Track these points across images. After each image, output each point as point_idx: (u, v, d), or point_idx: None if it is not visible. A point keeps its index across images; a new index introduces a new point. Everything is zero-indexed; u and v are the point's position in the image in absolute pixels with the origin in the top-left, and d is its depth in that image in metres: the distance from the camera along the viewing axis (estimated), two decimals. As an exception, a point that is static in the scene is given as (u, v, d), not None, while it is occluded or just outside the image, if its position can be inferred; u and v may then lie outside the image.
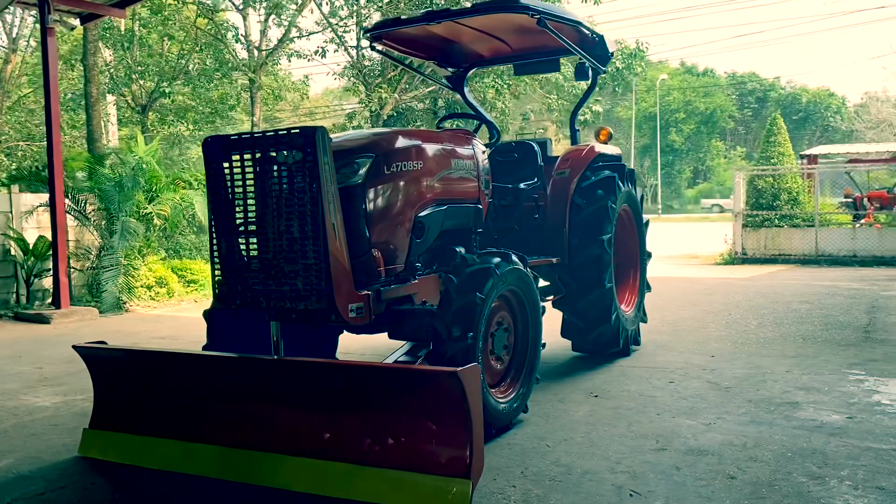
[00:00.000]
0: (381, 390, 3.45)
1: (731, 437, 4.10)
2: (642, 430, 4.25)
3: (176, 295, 11.32)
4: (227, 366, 3.87)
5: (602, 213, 5.86)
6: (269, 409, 3.73)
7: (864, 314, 8.30)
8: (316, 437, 3.56)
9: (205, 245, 13.26)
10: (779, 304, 9.39)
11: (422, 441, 3.31)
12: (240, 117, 29.79)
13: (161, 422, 3.98)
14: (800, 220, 17.90)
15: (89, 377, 6.10)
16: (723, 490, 3.36)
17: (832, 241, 17.19)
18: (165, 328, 8.86)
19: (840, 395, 4.88)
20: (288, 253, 3.78)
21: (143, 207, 10.63)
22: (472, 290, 4.04)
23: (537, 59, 6.91)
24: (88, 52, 12.96)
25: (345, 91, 23.38)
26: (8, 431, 4.67)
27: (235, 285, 3.94)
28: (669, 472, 3.61)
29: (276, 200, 3.79)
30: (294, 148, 3.71)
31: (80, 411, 5.08)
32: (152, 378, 4.06)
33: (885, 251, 16.61)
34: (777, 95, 72.29)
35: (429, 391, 3.31)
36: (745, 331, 7.44)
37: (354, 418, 3.49)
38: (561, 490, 3.42)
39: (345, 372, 3.64)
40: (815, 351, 6.34)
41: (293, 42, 17.07)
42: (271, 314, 3.91)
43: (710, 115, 66.97)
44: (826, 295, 10.22)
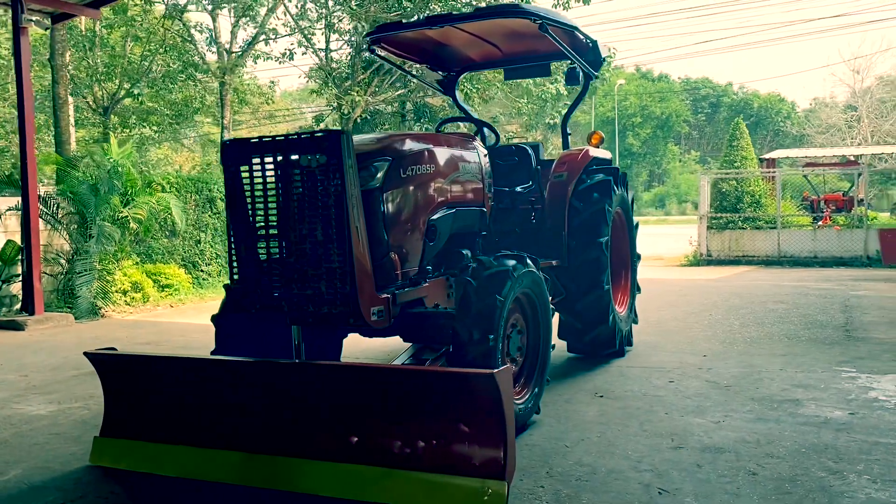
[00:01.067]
0: (413, 393, 3.46)
1: (742, 434, 4.19)
2: (655, 429, 4.33)
3: (151, 300, 11.13)
4: (249, 370, 3.83)
5: (599, 216, 5.94)
6: (293, 413, 3.70)
7: (839, 313, 8.56)
8: (344, 440, 3.55)
9: (177, 249, 13.08)
10: (755, 304, 9.61)
11: (455, 443, 3.33)
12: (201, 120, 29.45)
13: (178, 428, 3.92)
14: (762, 222, 18.34)
15: (80, 385, 6.06)
16: (747, 486, 3.44)
17: (793, 243, 17.65)
18: (146, 334, 8.71)
19: (838, 392, 5.03)
20: (311, 257, 3.77)
21: (118, 211, 10.41)
22: (492, 292, 4.07)
23: (528, 63, 6.98)
24: (56, 53, 12.65)
25: (311, 93, 23.19)
26: (9, 441, 4.54)
27: (255, 289, 3.91)
28: (692, 469, 3.68)
29: (299, 204, 3.78)
30: (318, 151, 3.70)
31: (80, 419, 4.98)
32: (168, 384, 4.00)
33: (843, 252, 17.12)
34: (730, 101, 73.94)
35: (464, 393, 3.32)
36: (729, 331, 7.61)
37: (384, 421, 3.48)
38: (590, 489, 3.46)
39: (375, 375, 3.64)
40: (802, 349, 6.52)
41: (267, 44, 16.90)
42: (292, 318, 3.88)
43: (665, 119, 68.21)
44: (798, 295, 10.49)
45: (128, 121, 24.53)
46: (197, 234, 13.38)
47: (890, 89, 48.30)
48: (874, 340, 6.84)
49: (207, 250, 13.66)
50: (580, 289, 5.87)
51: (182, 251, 13.16)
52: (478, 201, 5.17)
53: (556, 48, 6.25)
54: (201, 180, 13.78)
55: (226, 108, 15.95)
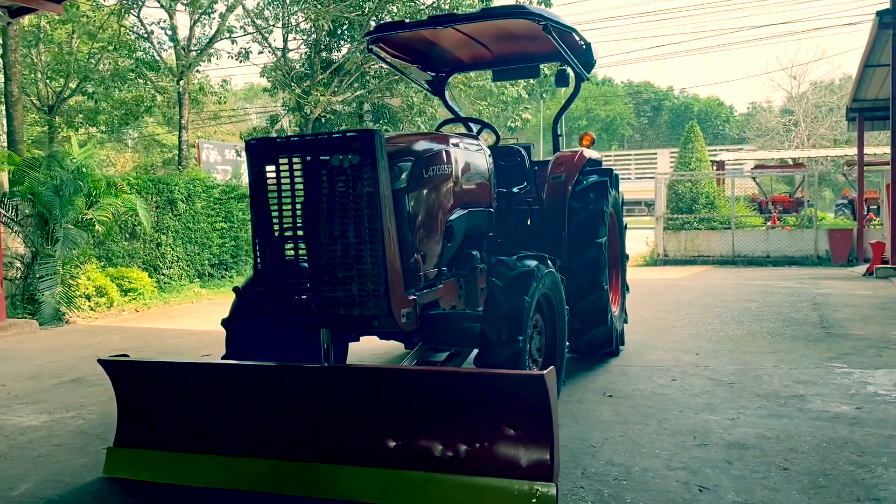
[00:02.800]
0: (458, 395, 3.41)
1: (760, 430, 4.27)
2: (674, 428, 4.38)
3: (116, 305, 10.79)
4: (280, 375, 3.73)
5: (597, 217, 5.99)
6: (327, 418, 3.62)
7: (812, 311, 8.82)
8: (382, 445, 3.48)
9: (138, 252, 12.71)
10: (727, 303, 9.83)
11: (501, 445, 3.30)
12: (145, 119, 28.66)
13: (201, 437, 3.79)
14: (717, 222, 18.80)
15: (65, 393, 5.84)
16: (783, 482, 3.51)
17: (747, 243, 18.14)
18: (119, 340, 8.43)
19: (838, 388, 5.17)
20: (342, 258, 3.70)
21: (82, 213, 10.06)
22: (519, 293, 4.06)
23: (518, 65, 7.00)
24: (9, 49, 12.14)
25: (264, 91, 22.84)
26: (8, 455, 4.33)
27: (281, 292, 3.81)
28: (723, 466, 3.73)
29: (328, 205, 3.70)
30: (351, 151, 3.63)
31: (77, 430, 4.78)
32: (189, 391, 3.87)
33: (794, 252, 17.68)
34: (671, 104, 75.72)
35: (511, 395, 3.29)
36: (712, 329, 7.76)
37: (426, 425, 3.43)
38: (631, 489, 3.48)
39: (417, 378, 3.58)
40: (789, 346, 6.69)
41: (234, 42, 16.56)
42: (322, 321, 3.80)
43: (610, 122, 69.42)
44: (765, 294, 10.77)
45: (73, 120, 23.79)
46: (158, 237, 13.03)
47: (824, 95, 50.16)
48: (854, 337, 7.06)
49: (169, 253, 13.32)
50: (580, 289, 5.89)
51: (143, 254, 12.81)
52: (486, 202, 5.17)
53: (547, 50, 6.32)
54: (162, 181, 13.43)
55: (184, 108, 15.56)
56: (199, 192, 14.06)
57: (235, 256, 14.82)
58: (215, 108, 37.58)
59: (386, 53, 6.22)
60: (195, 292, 12.92)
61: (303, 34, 18.42)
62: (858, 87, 16.11)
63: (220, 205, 14.53)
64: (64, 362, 7.15)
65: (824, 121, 48.75)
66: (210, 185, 14.60)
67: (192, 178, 14.19)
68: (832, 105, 49.43)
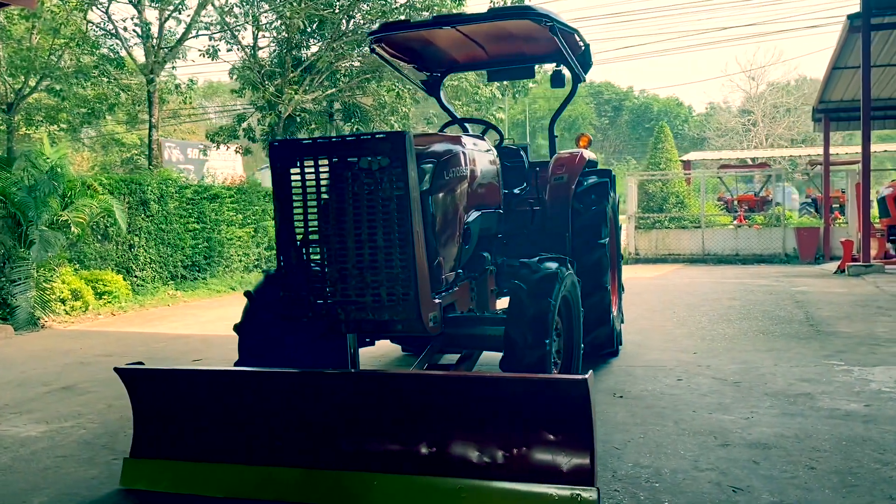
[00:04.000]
0: (494, 400, 3.37)
1: (777, 429, 4.31)
2: (692, 428, 4.39)
3: (91, 308, 10.51)
4: (307, 382, 3.65)
5: (600, 218, 6.00)
6: (358, 425, 3.55)
7: (796, 309, 8.97)
8: (416, 452, 3.43)
9: (110, 254, 12.41)
10: (710, 301, 9.96)
11: (540, 450, 3.26)
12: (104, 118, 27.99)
13: (225, 446, 3.69)
14: (687, 221, 19.07)
15: (58, 402, 5.66)
16: (813, 481, 3.54)
17: (717, 241, 18.44)
18: (102, 345, 8.21)
19: (841, 385, 5.25)
20: (370, 262, 3.63)
21: (57, 215, 9.77)
22: (544, 296, 4.03)
23: (513, 65, 6.98)
24: (-25, 45, 11.75)
25: (231, 92, 22.49)
26: (13, 467, 4.17)
27: (306, 297, 3.73)
28: (750, 466, 3.75)
29: (356, 208, 3.63)
30: (381, 153, 3.57)
31: (81, 440, 4.63)
32: (212, 399, 3.77)
33: (763, 250, 18.02)
34: (631, 104, 76.64)
35: (552, 399, 3.27)
36: (702, 328, 7.84)
37: (462, 431, 3.38)
38: (666, 491, 3.47)
39: (452, 383, 3.53)
40: (782, 345, 6.79)
41: (211, 39, 16.24)
42: (349, 326, 3.73)
43: (572, 122, 69.88)
44: (745, 292, 10.94)
45: (33, 118, 23.14)
46: (130, 238, 12.74)
47: (781, 95, 51.26)
48: (843, 334, 7.20)
49: (141, 255, 13.03)
50: (584, 290, 5.87)
51: (115, 256, 12.51)
52: (496, 203, 5.14)
53: (544, 51, 6.33)
54: (134, 181, 13.13)
55: (154, 106, 15.23)
56: (172, 193, 13.78)
57: (208, 258, 14.56)
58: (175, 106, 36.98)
59: (386, 53, 6.15)
60: (170, 295, 12.67)
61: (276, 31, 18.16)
62: (825, 89, 16.47)
63: (192, 205, 14.27)
64: (49, 369, 6.94)
65: (782, 121, 49.84)
66: (183, 185, 14.32)
67: (165, 178, 13.90)
68: (789, 105, 50.61)
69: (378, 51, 5.96)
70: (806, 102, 50.79)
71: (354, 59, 20.06)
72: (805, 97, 51.55)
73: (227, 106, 53.65)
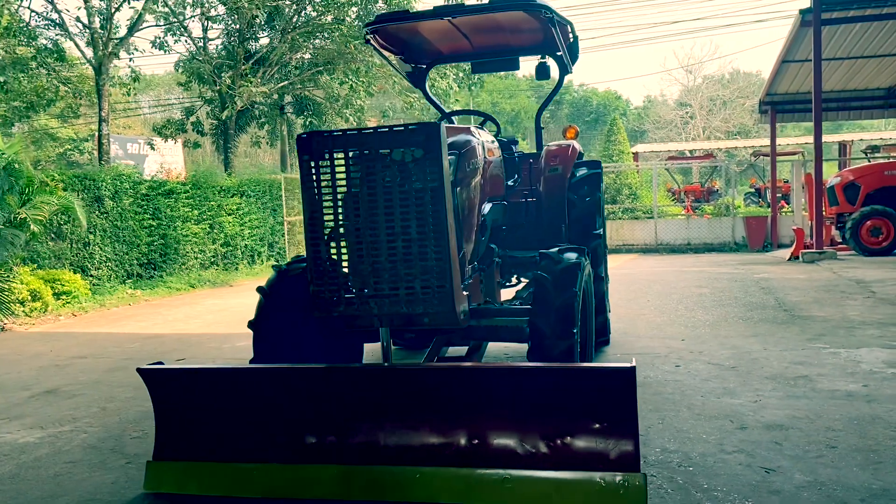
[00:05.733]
0: (537, 391, 3.38)
1: (787, 411, 4.44)
2: (706, 413, 4.49)
3: (51, 309, 10.13)
4: (341, 378, 3.59)
5: (594, 208, 6.07)
6: (398, 419, 3.51)
7: (764, 295, 9.24)
8: (457, 445, 3.41)
9: (65, 253, 11.98)
10: (679, 289, 10.18)
11: (586, 439, 3.28)
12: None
13: (257, 445, 3.61)
14: (640, 212, 19.44)
15: (46, 406, 5.47)
16: (838, 459, 3.65)
17: (669, 231, 18.85)
18: (72, 347, 7.93)
19: (835, 367, 5.43)
20: (404, 255, 3.59)
21: (15, 213, 9.37)
22: (568, 286, 4.06)
23: (497, 57, 6.99)
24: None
25: (178, 85, 21.94)
26: (21, 475, 3.99)
27: (337, 292, 3.67)
28: (774, 448, 3.85)
29: (388, 200, 3.58)
30: (414, 145, 3.53)
31: (86, 444, 4.47)
32: (242, 398, 3.67)
33: (713, 239, 18.51)
34: (571, 98, 77.70)
35: (597, 388, 3.29)
36: (680, 315, 8.01)
37: (505, 422, 3.38)
38: (701, 474, 3.54)
39: (495, 375, 3.52)
40: (764, 330, 6.99)
41: (169, 34, 15.76)
42: (383, 320, 3.68)
43: (515, 115, 70.51)
44: (710, 280, 11.22)
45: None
46: (85, 236, 12.32)
47: (717, 89, 52.71)
48: (818, 319, 7.45)
49: (97, 253, 12.63)
50: (582, 280, 5.96)
51: (70, 255, 12.09)
52: (501, 195, 5.17)
53: (529, 42, 6.39)
54: (88, 177, 12.71)
55: (103, 99, 14.71)
56: (127, 189, 13.39)
57: (165, 255, 14.20)
58: (112, 99, 35.81)
59: (377, 45, 6.08)
60: (129, 294, 12.30)
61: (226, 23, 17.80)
62: (773, 82, 16.98)
63: (147, 201, 13.89)
64: (24, 373, 6.66)
65: (718, 113, 51.30)
66: (137, 180, 13.91)
67: (119, 174, 13.48)
68: (725, 98, 52.11)
69: (372, 42, 5.89)
70: (741, 95, 52.53)
71: (306, 51, 19.83)
72: (740, 90, 53.25)
73: (163, 100, 52.34)
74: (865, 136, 26.76)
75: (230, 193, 16.04)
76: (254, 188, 16.77)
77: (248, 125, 21.97)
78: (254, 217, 16.60)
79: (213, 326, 8.96)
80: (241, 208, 16.20)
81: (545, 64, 6.72)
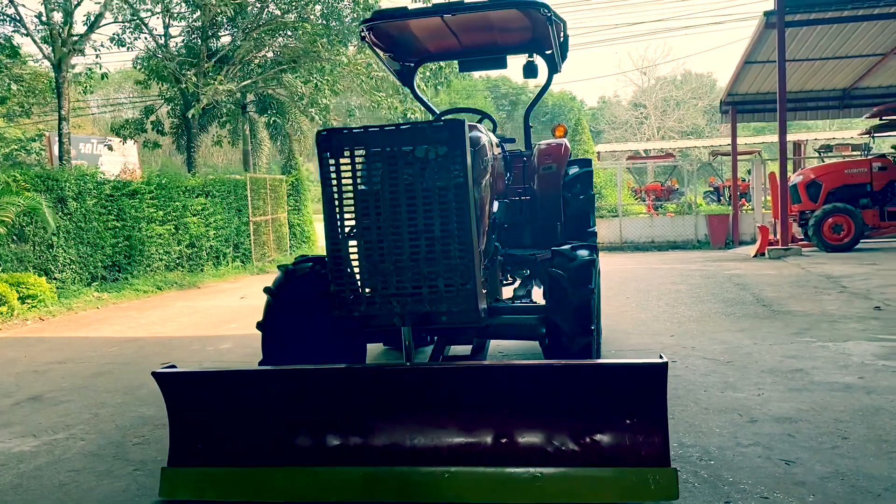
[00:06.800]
0: (567, 388, 3.37)
1: (792, 404, 4.52)
2: (713, 406, 4.54)
3: (17, 314, 9.81)
4: (363, 378, 3.54)
5: (588, 206, 6.11)
6: (420, 420, 3.47)
7: (741, 291, 9.41)
8: (486, 444, 3.39)
9: (27, 256, 11.60)
10: (655, 286, 10.31)
11: (615, 435, 3.29)
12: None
13: (277, 449, 3.53)
14: (605, 211, 19.65)
15: (32, 413, 5.31)
16: (854, 450, 3.73)
17: (634, 230, 19.10)
18: (45, 352, 7.68)
19: (827, 360, 5.55)
20: (427, 253, 3.55)
21: (-22, 214, 9.06)
22: (584, 283, 4.07)
23: (485, 55, 6.98)
24: None
25: (137, 83, 21.43)
26: (25, 485, 3.84)
27: (358, 291, 3.62)
28: (789, 440, 3.91)
29: (411, 197, 3.54)
30: (439, 142, 3.50)
31: (84, 452, 4.32)
32: (259, 401, 3.59)
33: (677, 237, 18.80)
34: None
35: (629, 384, 3.30)
36: (664, 312, 8.11)
37: (534, 420, 3.36)
38: (724, 468, 3.58)
39: (523, 372, 3.50)
40: (749, 325, 7.11)
41: (131, 34, 15.36)
42: (405, 319, 3.64)
43: (473, 115, 70.71)
44: (683, 276, 11.39)
45: None
46: (49, 238, 11.95)
47: (671, 90, 53.67)
48: (798, 313, 7.61)
49: (61, 255, 12.26)
50: (575, 278, 5.98)
51: (33, 258, 11.71)
52: (502, 192, 5.16)
53: (517, 41, 6.42)
54: (51, 177, 12.33)
55: (63, 98, 14.30)
56: (91, 189, 13.03)
57: (130, 257, 13.85)
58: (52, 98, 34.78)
59: (371, 42, 6.02)
60: (96, 297, 11.98)
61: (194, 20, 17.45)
62: (735, 82, 17.32)
63: (112, 202, 13.54)
64: (2, 379, 6.44)
65: (672, 114, 52.23)
66: (101, 181, 13.55)
67: (82, 174, 13.11)
68: (679, 99, 53.09)
69: (367, 39, 5.82)
70: (694, 96, 53.58)
71: (270, 49, 19.58)
72: (693, 91, 54.31)
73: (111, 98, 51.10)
74: (811, 137, 27.49)
75: (195, 194, 15.74)
76: (219, 188, 16.49)
77: (210, 124, 21.60)
78: (219, 217, 16.31)
79: (189, 329, 8.78)
80: (206, 209, 15.91)
81: (533, 63, 6.74)
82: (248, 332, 8.37)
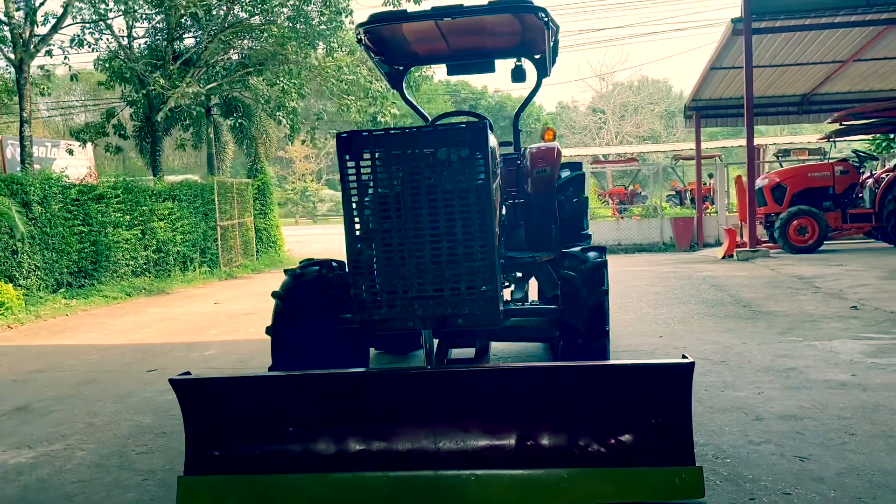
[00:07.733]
0: (592, 389, 3.38)
1: (793, 401, 4.61)
2: (718, 405, 4.61)
3: (-16, 322, 9.51)
4: (385, 382, 3.51)
5: (581, 209, 6.17)
6: (444, 424, 3.45)
7: (718, 292, 9.58)
8: (511, 446, 3.38)
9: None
10: (632, 288, 10.44)
11: (641, 434, 3.32)
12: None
13: (299, 455, 3.48)
14: (572, 214, 19.81)
15: (21, 425, 5.20)
16: (862, 445, 3.82)
17: (601, 233, 19.27)
18: (25, 361, 7.46)
19: (818, 358, 5.68)
20: (449, 255, 3.54)
21: (-53, 219, 8.75)
22: (598, 285, 4.10)
23: (473, 59, 6.99)
24: None
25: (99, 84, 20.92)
26: (29, 497, 3.72)
27: (380, 294, 3.59)
28: (798, 437, 3.98)
29: (432, 200, 3.53)
30: (460, 145, 3.49)
31: (86, 462, 4.21)
32: (279, 407, 3.53)
33: (643, 240, 19.06)
34: (486, 104, 78.79)
35: (655, 384, 3.33)
36: (648, 313, 8.21)
37: (559, 421, 3.37)
38: (741, 465, 3.63)
39: (553, 375, 3.50)
40: (734, 325, 7.24)
41: (101, 30, 14.99)
42: (427, 323, 3.62)
43: (435, 119, 70.88)
44: (658, 278, 11.55)
45: None
46: (13, 244, 11.62)
47: (629, 95, 54.48)
48: (779, 314, 7.78)
49: (26, 262, 11.92)
50: (570, 280, 6.02)
51: (-3, 264, 11.37)
52: (502, 195, 5.17)
53: (506, 45, 6.44)
54: (15, 181, 12.00)
55: (25, 100, 13.90)
56: (56, 194, 12.71)
57: (96, 263, 13.53)
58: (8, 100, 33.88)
59: (366, 44, 5.98)
60: (65, 304, 11.68)
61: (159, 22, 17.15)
62: (700, 88, 17.64)
63: (77, 206, 13.22)
64: (-19, 390, 6.23)
65: (630, 119, 53.03)
66: (66, 185, 13.22)
67: (47, 178, 12.78)
68: (636, 104, 53.92)
69: (363, 42, 5.79)
70: (651, 102, 54.49)
71: (235, 52, 19.35)
72: (650, 97, 55.24)
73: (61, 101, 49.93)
74: (767, 141, 28.14)
75: (161, 198, 15.47)
76: (186, 192, 16.22)
77: (172, 127, 21.22)
78: (186, 222, 16.05)
79: (168, 336, 8.61)
80: (172, 213, 15.64)
81: (521, 67, 6.78)
82: (230, 337, 8.27)
